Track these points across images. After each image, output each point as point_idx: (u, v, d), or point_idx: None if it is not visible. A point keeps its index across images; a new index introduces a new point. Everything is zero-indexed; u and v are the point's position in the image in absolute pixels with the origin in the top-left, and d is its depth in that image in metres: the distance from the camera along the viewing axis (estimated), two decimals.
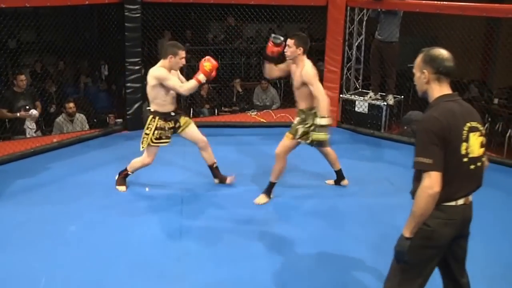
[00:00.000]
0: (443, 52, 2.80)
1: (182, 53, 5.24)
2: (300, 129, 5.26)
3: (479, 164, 2.81)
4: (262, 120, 8.55)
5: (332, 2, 8.04)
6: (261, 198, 5.43)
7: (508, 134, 8.60)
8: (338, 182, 5.91)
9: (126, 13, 7.37)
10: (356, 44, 8.99)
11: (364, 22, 8.87)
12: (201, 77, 5.19)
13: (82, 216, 5.00)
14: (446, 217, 2.76)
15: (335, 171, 5.85)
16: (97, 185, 5.77)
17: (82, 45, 9.72)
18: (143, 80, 7.78)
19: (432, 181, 2.63)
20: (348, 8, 8.43)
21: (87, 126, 8.02)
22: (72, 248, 4.40)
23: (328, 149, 5.62)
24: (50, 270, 4.04)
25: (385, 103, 8.17)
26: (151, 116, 5.37)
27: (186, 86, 5.26)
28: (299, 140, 5.29)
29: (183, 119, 5.58)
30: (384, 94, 8.34)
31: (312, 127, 5.16)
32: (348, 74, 9.07)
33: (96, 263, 4.15)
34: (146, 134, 5.35)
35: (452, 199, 2.77)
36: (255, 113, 8.93)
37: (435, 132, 2.66)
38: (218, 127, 8.02)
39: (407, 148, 7.28)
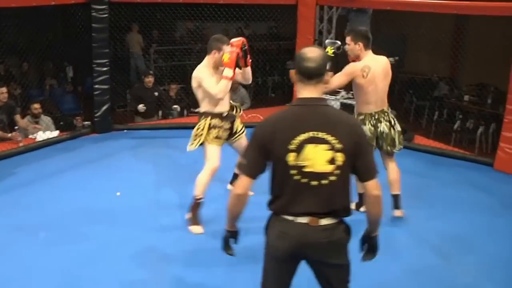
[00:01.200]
0: (305, 51, 2.53)
1: (228, 48, 4.63)
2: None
3: (324, 182, 2.47)
4: None
5: (302, 0, 7.98)
6: None
7: (479, 131, 8.65)
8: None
9: (93, 14, 7.20)
10: None
11: (334, 20, 8.84)
12: (226, 72, 4.51)
13: (51, 222, 4.83)
14: (280, 229, 2.56)
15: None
16: (66, 189, 5.60)
17: (46, 46, 9.47)
18: (111, 81, 7.65)
19: (238, 183, 2.58)
20: (318, 6, 8.38)
21: (54, 129, 7.78)
22: (42, 255, 4.23)
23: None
24: (21, 277, 3.89)
25: None
26: (202, 117, 4.76)
27: (218, 88, 4.53)
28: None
29: (239, 124, 4.97)
30: None
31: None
32: None
33: (67, 270, 4.00)
34: (198, 135, 4.71)
35: (288, 213, 2.54)
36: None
37: (257, 136, 2.52)
38: (188, 129, 7.85)
39: None
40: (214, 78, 4.61)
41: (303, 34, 8.03)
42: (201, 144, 4.72)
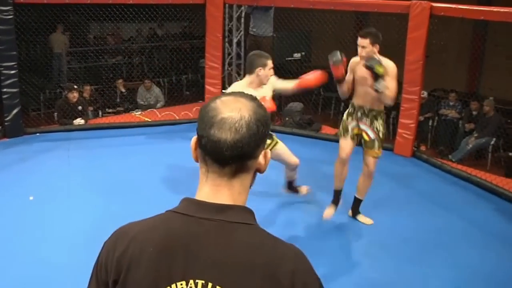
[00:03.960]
0: (217, 105, 1.25)
1: (271, 63, 4.40)
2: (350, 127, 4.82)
3: None
4: (147, 119, 8.56)
5: (210, 0, 8.19)
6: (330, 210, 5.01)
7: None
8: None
9: None
10: (236, 40, 9.24)
11: (243, 19, 9.12)
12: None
13: None
14: None
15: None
16: None
17: None
18: (20, 84, 7.52)
19: None
20: (227, 5, 8.63)
21: None
22: None
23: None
24: None
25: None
26: None
27: None
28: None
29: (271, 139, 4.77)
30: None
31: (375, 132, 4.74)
32: (230, 70, 9.29)
33: None
34: None
35: None
36: (140, 112, 8.93)
37: (98, 261, 1.31)
38: (103, 129, 7.95)
39: (289, 138, 7.60)
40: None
41: (212, 32, 8.23)
42: None
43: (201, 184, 1.29)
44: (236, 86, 4.46)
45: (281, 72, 9.53)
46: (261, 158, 1.29)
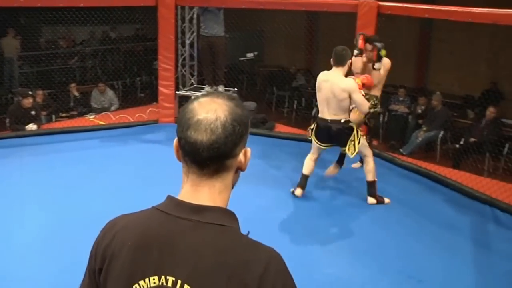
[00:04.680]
0: (194, 106, 1.30)
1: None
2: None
3: None
4: (101, 122, 8.52)
5: (161, 2, 8.19)
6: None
7: None
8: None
9: None
10: (189, 41, 9.28)
11: (195, 20, 9.17)
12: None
13: None
14: None
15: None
16: None
17: None
18: None
19: None
20: (179, 7, 8.65)
21: None
22: None
23: None
24: None
25: None
26: (354, 127, 5.27)
27: (368, 105, 5.23)
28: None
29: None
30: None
31: None
32: (183, 71, 9.32)
33: None
34: (356, 143, 5.22)
35: None
36: (94, 116, 8.88)
37: (92, 249, 1.38)
38: (57, 134, 7.86)
39: None
40: None
41: (165, 34, 8.22)
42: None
43: (183, 183, 1.34)
44: (344, 77, 5.08)
45: (234, 72, 9.67)
46: (241, 156, 1.33)
